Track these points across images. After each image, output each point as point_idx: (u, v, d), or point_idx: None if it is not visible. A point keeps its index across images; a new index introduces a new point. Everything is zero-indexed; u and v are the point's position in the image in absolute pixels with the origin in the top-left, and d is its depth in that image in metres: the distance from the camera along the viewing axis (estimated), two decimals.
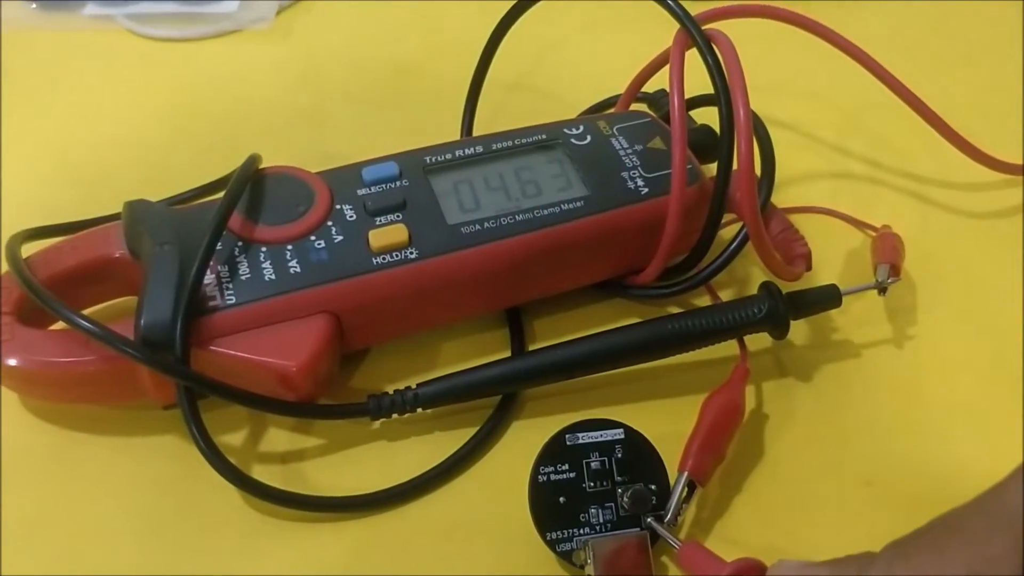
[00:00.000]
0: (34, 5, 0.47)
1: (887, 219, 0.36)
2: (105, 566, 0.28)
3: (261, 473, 0.29)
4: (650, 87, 0.38)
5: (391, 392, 0.30)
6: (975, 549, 0.21)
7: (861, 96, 0.41)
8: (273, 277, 0.30)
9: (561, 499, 0.27)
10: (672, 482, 0.28)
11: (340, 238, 0.31)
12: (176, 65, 0.44)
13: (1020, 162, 0.38)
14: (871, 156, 0.40)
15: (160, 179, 0.37)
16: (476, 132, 0.39)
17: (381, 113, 0.42)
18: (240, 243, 0.30)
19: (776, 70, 0.42)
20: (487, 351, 0.33)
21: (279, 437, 0.31)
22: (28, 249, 0.31)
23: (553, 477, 0.28)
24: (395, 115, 0.42)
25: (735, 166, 0.30)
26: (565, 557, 0.27)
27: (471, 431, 0.31)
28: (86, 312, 0.29)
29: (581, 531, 0.27)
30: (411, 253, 0.30)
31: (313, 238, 0.31)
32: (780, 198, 0.36)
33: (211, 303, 0.29)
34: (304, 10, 0.47)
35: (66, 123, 0.41)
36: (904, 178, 0.39)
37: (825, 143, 0.41)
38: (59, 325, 0.29)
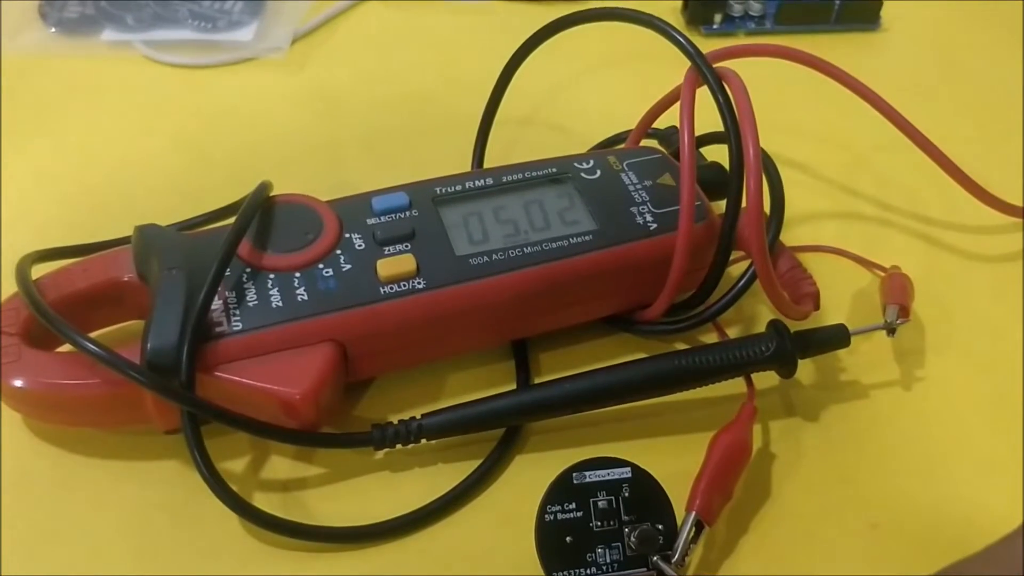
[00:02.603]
0: (52, 30, 0.47)
1: (896, 260, 0.36)
2: None
3: (262, 501, 0.29)
4: (661, 123, 0.38)
5: (395, 422, 0.30)
6: None
7: (871, 137, 0.41)
8: (280, 305, 0.30)
9: (568, 538, 0.27)
10: (679, 522, 0.28)
11: (348, 267, 0.31)
12: (191, 92, 0.45)
13: None
14: (880, 197, 0.40)
15: (173, 204, 0.37)
16: (487, 165, 0.39)
17: (394, 143, 0.42)
18: (248, 270, 0.30)
19: (787, 109, 0.42)
20: (492, 383, 0.32)
21: (281, 465, 0.31)
22: (38, 271, 0.31)
23: (560, 516, 0.27)
24: (408, 146, 0.42)
25: (744, 204, 0.30)
26: None
27: (474, 464, 0.30)
28: (94, 335, 0.29)
29: (588, 571, 0.27)
30: (419, 283, 0.30)
31: (321, 266, 0.31)
32: (789, 237, 0.36)
33: (218, 329, 0.29)
34: (319, 40, 0.48)
35: (82, 147, 0.42)
36: (913, 219, 0.39)
37: (834, 183, 0.41)
38: (66, 348, 0.29)
